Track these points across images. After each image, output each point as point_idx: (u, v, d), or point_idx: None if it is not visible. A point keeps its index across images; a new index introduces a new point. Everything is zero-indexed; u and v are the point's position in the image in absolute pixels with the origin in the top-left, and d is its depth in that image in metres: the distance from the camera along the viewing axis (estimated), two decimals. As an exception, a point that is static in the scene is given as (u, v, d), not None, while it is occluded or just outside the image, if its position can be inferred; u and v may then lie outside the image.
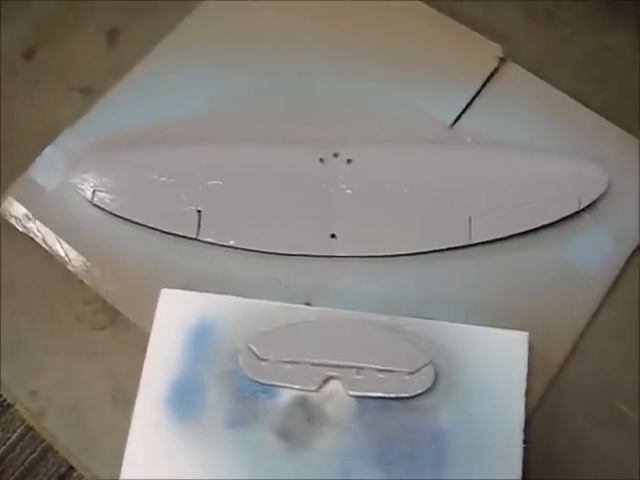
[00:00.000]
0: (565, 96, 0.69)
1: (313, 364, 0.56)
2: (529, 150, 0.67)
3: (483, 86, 0.70)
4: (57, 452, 0.61)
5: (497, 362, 0.57)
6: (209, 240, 0.63)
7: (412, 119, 0.69)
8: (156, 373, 0.57)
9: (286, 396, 0.56)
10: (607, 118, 0.69)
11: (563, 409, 0.59)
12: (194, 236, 0.63)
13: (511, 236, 0.63)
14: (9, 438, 0.61)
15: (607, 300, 0.62)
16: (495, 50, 0.70)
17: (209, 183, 0.65)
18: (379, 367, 0.56)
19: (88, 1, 0.78)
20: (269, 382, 0.56)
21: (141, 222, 0.64)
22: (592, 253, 0.63)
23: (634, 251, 0.64)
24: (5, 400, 0.61)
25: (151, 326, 0.60)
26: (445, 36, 0.72)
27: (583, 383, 0.60)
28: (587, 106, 0.69)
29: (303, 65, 0.72)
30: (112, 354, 0.62)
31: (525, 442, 0.54)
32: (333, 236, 0.63)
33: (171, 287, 0.61)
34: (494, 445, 0.54)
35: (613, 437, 0.58)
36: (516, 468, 0.53)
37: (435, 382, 0.55)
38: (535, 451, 0.56)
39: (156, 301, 0.60)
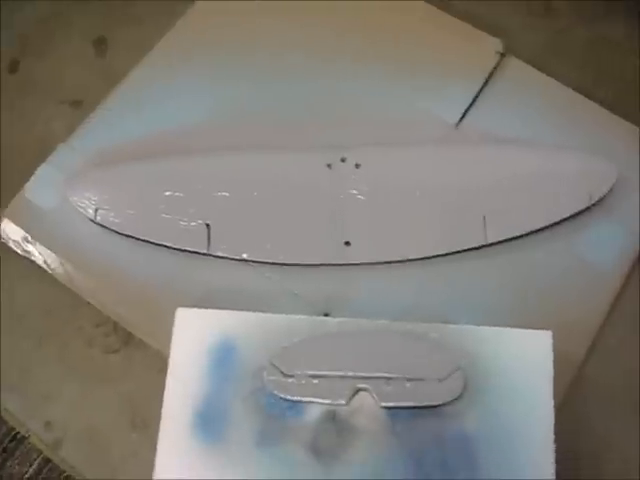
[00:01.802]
0: (568, 89, 0.69)
1: (341, 377, 0.55)
2: (536, 145, 0.66)
3: (485, 82, 0.69)
4: (78, 484, 0.58)
5: (523, 363, 0.56)
6: (220, 254, 0.62)
7: (417, 119, 0.68)
8: (179, 397, 0.55)
9: (315, 411, 0.55)
10: (610, 110, 0.69)
11: (586, 407, 0.59)
12: (205, 251, 0.61)
13: (525, 234, 0.62)
14: (26, 472, 0.58)
15: (623, 293, 0.62)
16: (495, 45, 0.70)
17: (216, 195, 0.63)
18: (408, 376, 0.55)
19: (70, 10, 0.75)
20: (297, 398, 0.55)
21: (148, 239, 0.62)
22: (605, 247, 0.63)
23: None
24: (18, 432, 0.58)
25: (166, 347, 0.57)
26: (445, 33, 0.71)
27: (605, 379, 0.60)
28: (589, 98, 0.69)
29: (303, 68, 0.70)
30: (127, 378, 0.61)
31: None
32: (347, 243, 0.62)
33: (184, 305, 0.58)
34: (526, 447, 0.54)
35: (638, 433, 0.59)
36: (549, 469, 0.53)
37: (464, 387, 0.55)
38: (560, 450, 0.56)
39: (170, 320, 0.58)
